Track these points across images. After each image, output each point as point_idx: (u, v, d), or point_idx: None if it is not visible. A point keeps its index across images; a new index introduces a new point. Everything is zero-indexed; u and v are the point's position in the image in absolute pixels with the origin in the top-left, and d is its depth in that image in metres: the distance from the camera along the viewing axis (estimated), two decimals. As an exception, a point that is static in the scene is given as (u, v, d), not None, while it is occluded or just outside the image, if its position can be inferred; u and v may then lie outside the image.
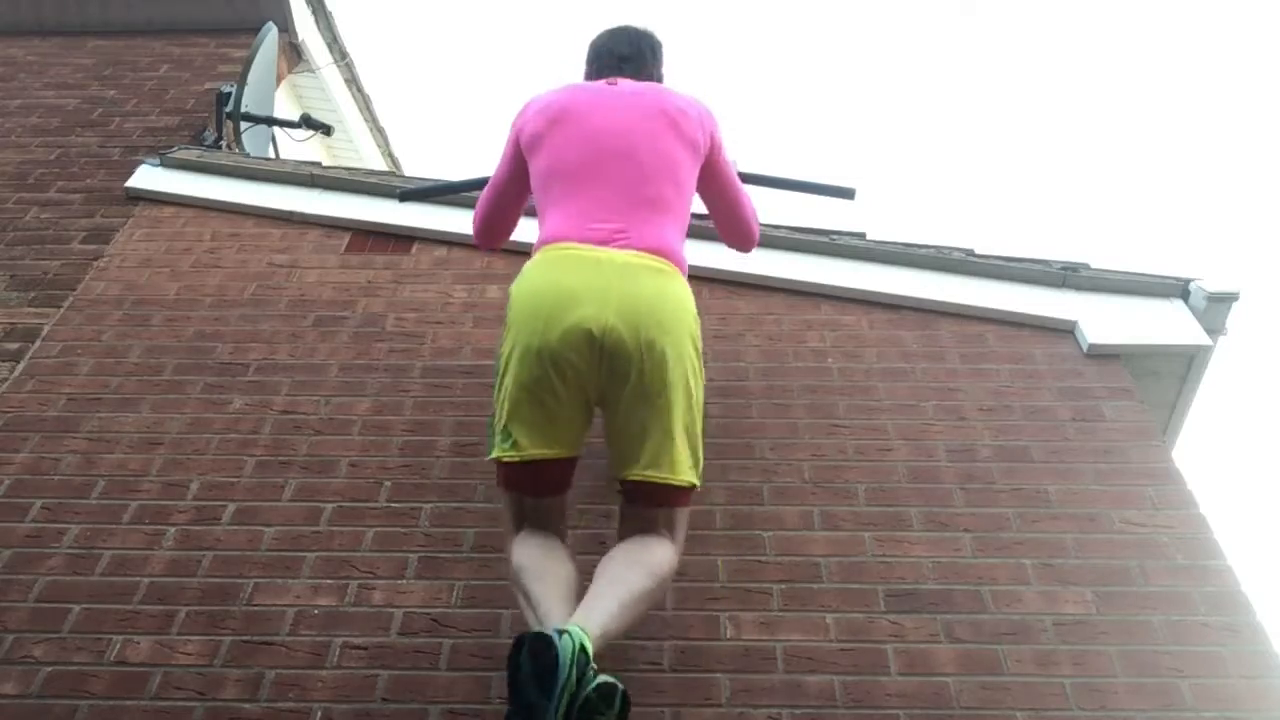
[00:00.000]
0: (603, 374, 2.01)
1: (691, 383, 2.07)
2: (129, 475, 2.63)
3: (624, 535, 2.07)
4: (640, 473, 2.03)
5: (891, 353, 2.96)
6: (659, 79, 2.52)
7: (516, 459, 2.03)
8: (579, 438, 2.11)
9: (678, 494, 2.06)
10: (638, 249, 2.09)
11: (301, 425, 2.76)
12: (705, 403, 2.74)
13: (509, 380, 2.04)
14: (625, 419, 2.04)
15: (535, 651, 1.67)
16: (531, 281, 2.09)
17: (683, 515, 2.11)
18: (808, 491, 2.54)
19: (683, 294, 2.12)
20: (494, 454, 2.07)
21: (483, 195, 2.54)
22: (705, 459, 2.18)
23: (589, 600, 1.87)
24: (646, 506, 2.06)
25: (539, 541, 2.04)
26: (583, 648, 1.68)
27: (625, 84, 2.36)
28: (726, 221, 2.53)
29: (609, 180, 2.17)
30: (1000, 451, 2.65)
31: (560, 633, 1.68)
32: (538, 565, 1.98)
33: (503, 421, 2.05)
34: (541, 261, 2.11)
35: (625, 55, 2.46)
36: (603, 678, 1.68)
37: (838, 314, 3.11)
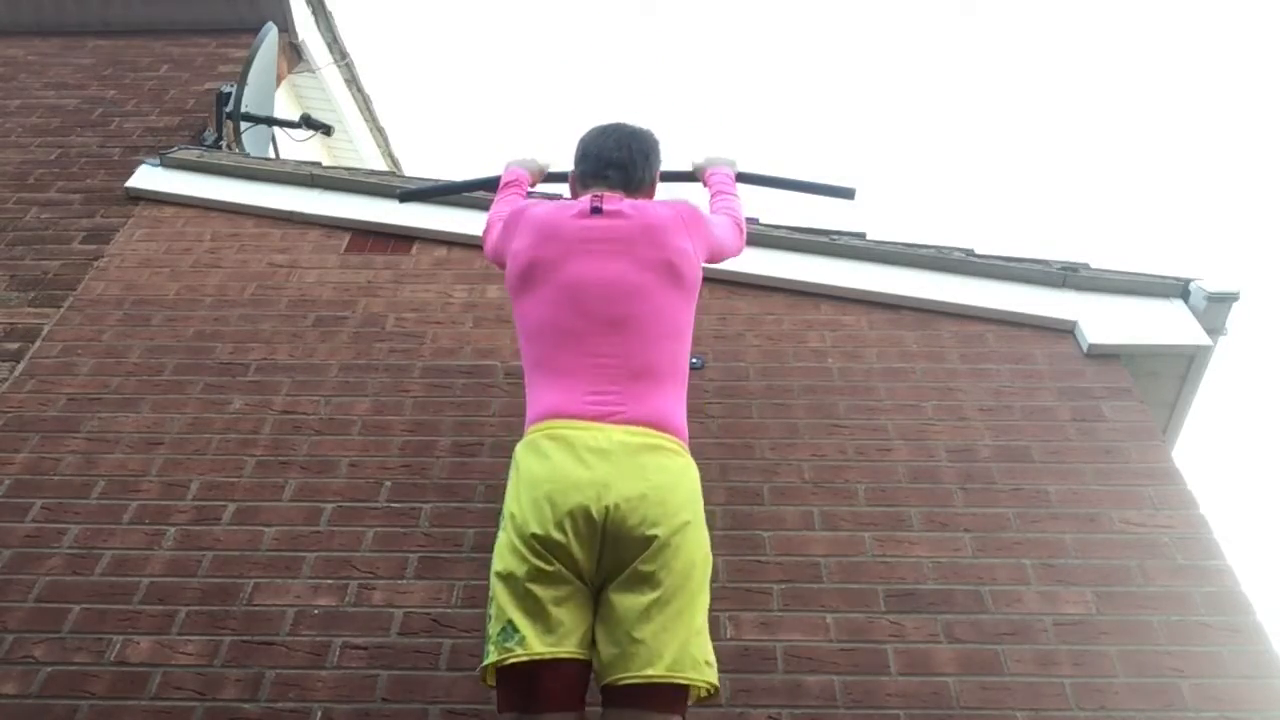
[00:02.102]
0: (605, 562, 1.80)
1: (705, 574, 1.86)
2: (129, 475, 2.63)
3: None
4: (656, 675, 1.72)
5: (891, 353, 2.96)
6: (651, 182, 2.31)
7: (525, 658, 1.73)
8: (587, 637, 1.80)
9: (683, 700, 1.78)
10: (639, 424, 1.90)
11: (301, 425, 2.76)
12: (705, 404, 2.76)
13: (509, 572, 1.80)
14: (633, 616, 1.76)
15: None
16: (528, 468, 1.88)
17: None
18: (808, 491, 2.54)
19: (689, 474, 1.92)
20: (492, 658, 1.75)
21: (489, 230, 2.38)
22: (706, 459, 2.17)
23: None
24: (646, 711, 1.74)
25: None
26: None
27: (614, 207, 2.10)
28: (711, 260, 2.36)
29: (605, 349, 1.96)
30: (1000, 451, 2.65)
31: None
32: None
33: (505, 619, 1.77)
34: (534, 445, 1.91)
35: (614, 161, 2.22)
36: None
37: (838, 314, 3.11)
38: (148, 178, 3.79)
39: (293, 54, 5.08)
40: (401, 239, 3.46)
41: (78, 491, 2.59)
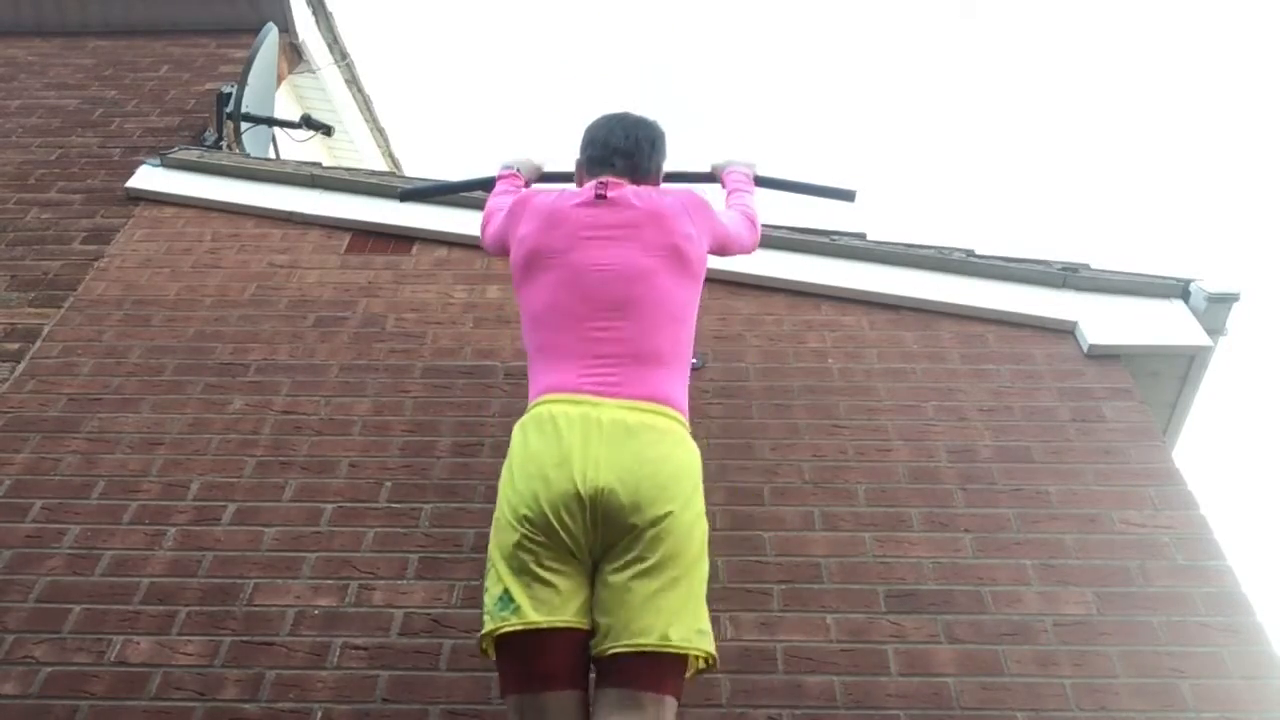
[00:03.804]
0: (598, 536, 1.79)
1: (702, 547, 1.86)
2: (129, 475, 2.63)
3: None
4: (647, 643, 1.71)
5: (892, 353, 2.96)
6: (657, 171, 2.31)
7: (520, 627, 1.73)
8: (585, 608, 1.79)
9: (678, 676, 1.76)
10: (638, 399, 1.90)
11: (302, 425, 2.76)
12: (706, 403, 2.76)
13: (504, 544, 1.82)
14: (627, 587, 1.76)
15: None
16: (523, 446, 1.89)
17: (672, 713, 1.74)
18: (808, 492, 2.54)
19: (685, 449, 1.92)
20: (489, 627, 1.77)
21: (489, 220, 2.38)
22: (705, 459, 2.16)
23: None
24: (638, 689, 1.71)
25: None
26: None
27: (619, 194, 2.11)
28: (722, 254, 2.38)
29: (606, 333, 1.96)
30: (1000, 452, 2.65)
31: None
32: None
33: (501, 589, 1.79)
34: (533, 421, 1.92)
35: (621, 149, 2.23)
36: None
37: (838, 314, 3.11)
38: (148, 178, 3.79)
39: (293, 54, 5.08)
40: (401, 239, 3.46)
41: (78, 492, 2.59)
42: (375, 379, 2.91)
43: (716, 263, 3.15)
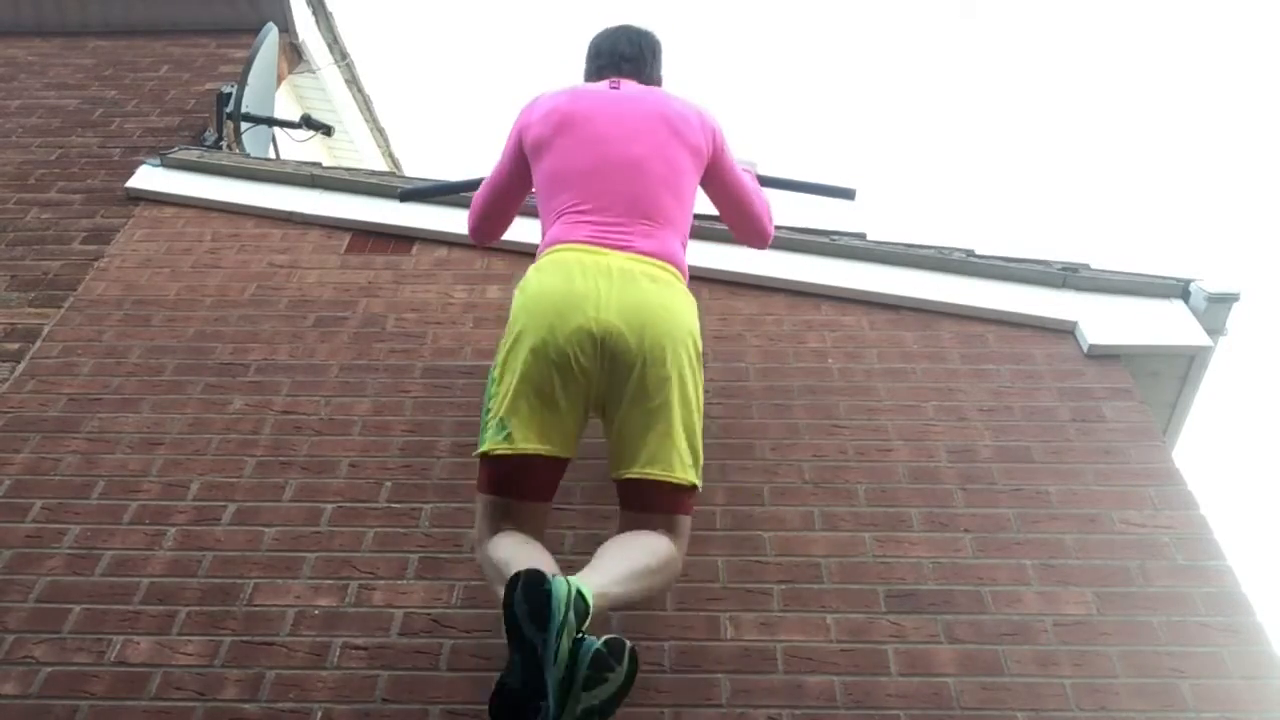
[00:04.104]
0: (604, 375, 2.02)
1: (690, 384, 2.07)
2: (129, 475, 2.63)
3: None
4: (638, 470, 2.00)
5: (892, 353, 2.96)
6: (659, 80, 2.52)
7: (509, 452, 1.99)
8: (573, 439, 2.08)
9: (677, 496, 2.03)
10: (640, 254, 2.12)
11: (302, 425, 2.76)
12: (705, 404, 2.75)
13: (511, 375, 2.03)
14: (625, 419, 2.03)
15: (529, 585, 1.62)
16: (537, 283, 2.10)
17: (684, 523, 2.05)
18: (808, 492, 2.54)
19: (683, 298, 2.14)
20: (485, 447, 2.03)
21: (481, 191, 2.54)
22: (705, 459, 2.18)
23: (587, 569, 1.84)
24: (645, 510, 2.01)
25: (518, 537, 1.98)
26: (580, 594, 1.64)
27: (628, 86, 2.37)
28: (736, 220, 2.52)
29: (613, 189, 2.18)
30: (1000, 452, 2.65)
31: (554, 577, 1.66)
32: (516, 547, 1.93)
33: (499, 414, 2.02)
34: (547, 264, 2.13)
35: (627, 55, 2.46)
36: (612, 635, 1.66)
37: (838, 314, 3.11)
38: (148, 178, 3.79)
39: (293, 54, 5.08)
40: (402, 239, 3.46)
41: (78, 491, 2.59)
42: (375, 379, 2.91)
43: (716, 262, 3.17)
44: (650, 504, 2.02)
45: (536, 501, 2.06)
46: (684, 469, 2.02)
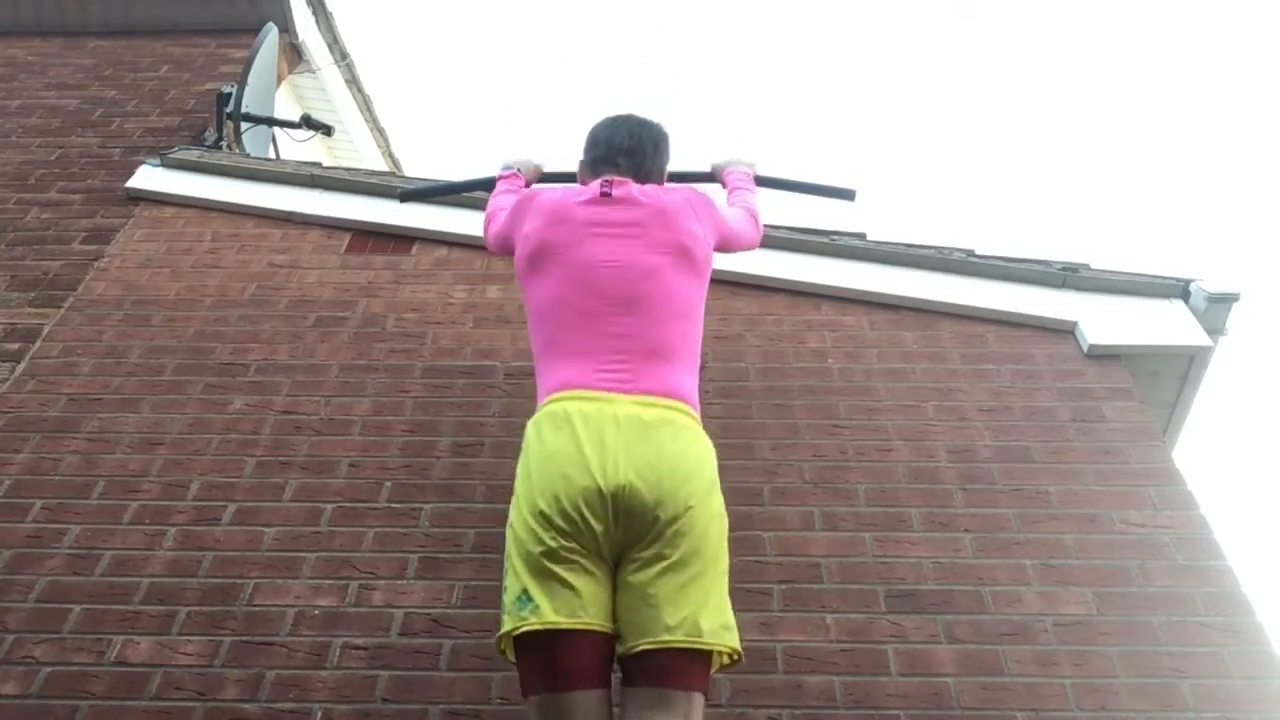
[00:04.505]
0: (620, 533, 1.78)
1: (722, 540, 1.86)
2: (129, 475, 2.63)
3: None
4: (659, 640, 1.71)
5: (892, 353, 2.96)
6: (660, 172, 2.30)
7: (539, 627, 1.70)
8: (607, 609, 1.77)
9: (704, 672, 1.76)
10: (650, 394, 1.90)
11: (302, 425, 2.76)
12: (706, 404, 2.75)
13: (523, 543, 1.79)
14: (642, 581, 1.76)
15: None
16: (539, 447, 1.87)
17: (700, 706, 1.74)
18: (808, 492, 2.54)
19: (701, 443, 1.93)
20: (508, 626, 1.74)
21: (492, 219, 2.38)
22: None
23: None
24: (661, 685, 1.70)
25: None
26: None
27: (624, 192, 2.12)
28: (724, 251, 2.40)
29: (616, 329, 1.97)
30: (1000, 452, 2.65)
31: None
32: None
33: (519, 588, 1.76)
34: (545, 420, 1.91)
35: (624, 149, 2.25)
36: None
37: (838, 314, 3.11)
38: (148, 178, 3.79)
39: (293, 54, 5.08)
40: (401, 239, 3.46)
41: (78, 492, 2.59)
42: (375, 379, 2.91)
43: (717, 262, 3.13)
44: (669, 678, 1.71)
45: (591, 689, 1.71)
46: (719, 634, 1.75)
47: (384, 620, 2.27)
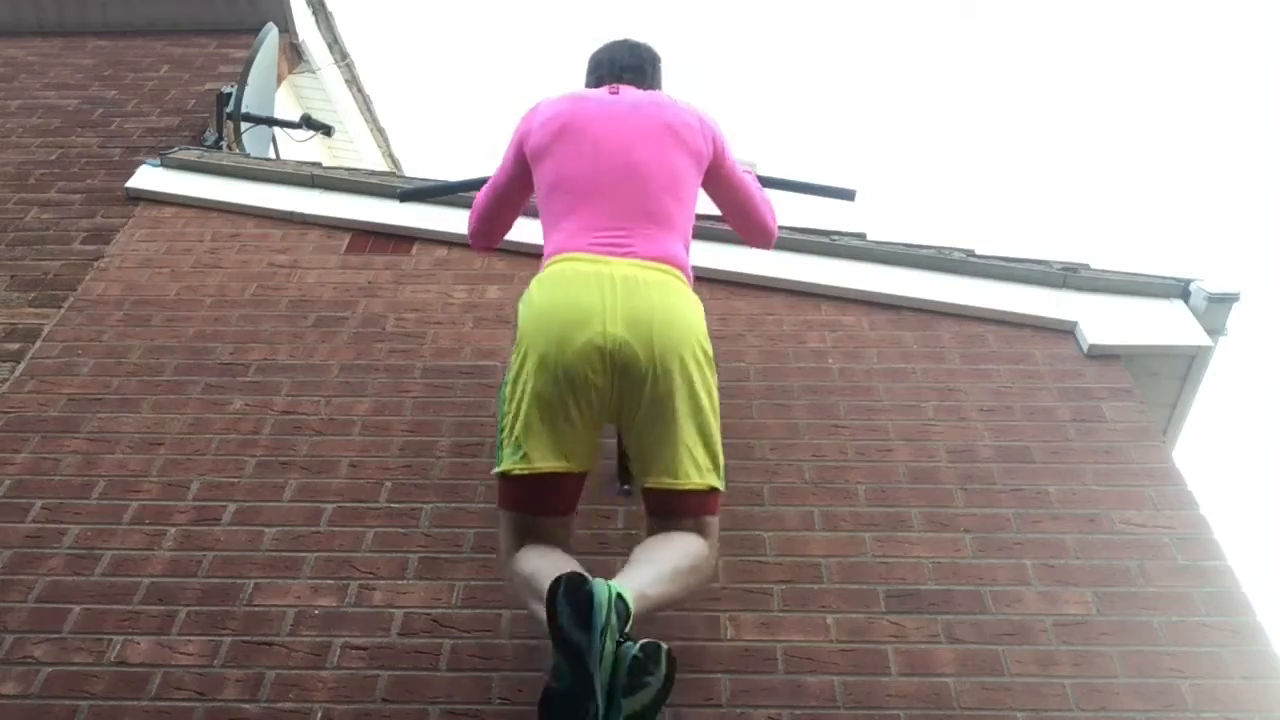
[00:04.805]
0: (616, 387, 2.00)
1: (701, 388, 2.05)
2: (129, 475, 2.63)
3: None
4: (655, 481, 2.01)
5: (892, 353, 2.96)
6: (659, 89, 2.52)
7: (526, 471, 1.99)
8: (590, 453, 2.08)
9: (699, 500, 2.02)
10: (643, 258, 2.09)
11: (302, 426, 2.76)
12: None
13: (523, 394, 2.01)
14: (640, 430, 2.03)
15: (571, 589, 1.64)
16: (541, 298, 2.07)
17: (712, 524, 2.05)
18: (808, 492, 2.54)
19: (689, 301, 2.12)
20: (502, 467, 2.03)
21: (480, 196, 2.53)
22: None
23: (623, 573, 1.86)
24: (669, 517, 2.02)
25: (544, 548, 1.99)
26: (620, 596, 1.67)
27: (627, 92, 2.36)
28: (740, 221, 2.53)
29: (613, 195, 2.17)
30: (1000, 452, 2.65)
31: (593, 578, 1.68)
32: (545, 557, 1.94)
33: (514, 434, 2.01)
34: (548, 277, 2.10)
35: (627, 64, 2.46)
36: (647, 640, 1.68)
37: (838, 314, 3.11)
38: (148, 178, 3.79)
39: (293, 54, 5.08)
40: (402, 239, 3.46)
41: (78, 492, 2.59)
42: (375, 379, 2.91)
43: (717, 262, 3.17)
44: (673, 510, 2.01)
45: (560, 515, 2.06)
46: (701, 474, 2.01)
47: (384, 620, 2.27)
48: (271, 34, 4.45)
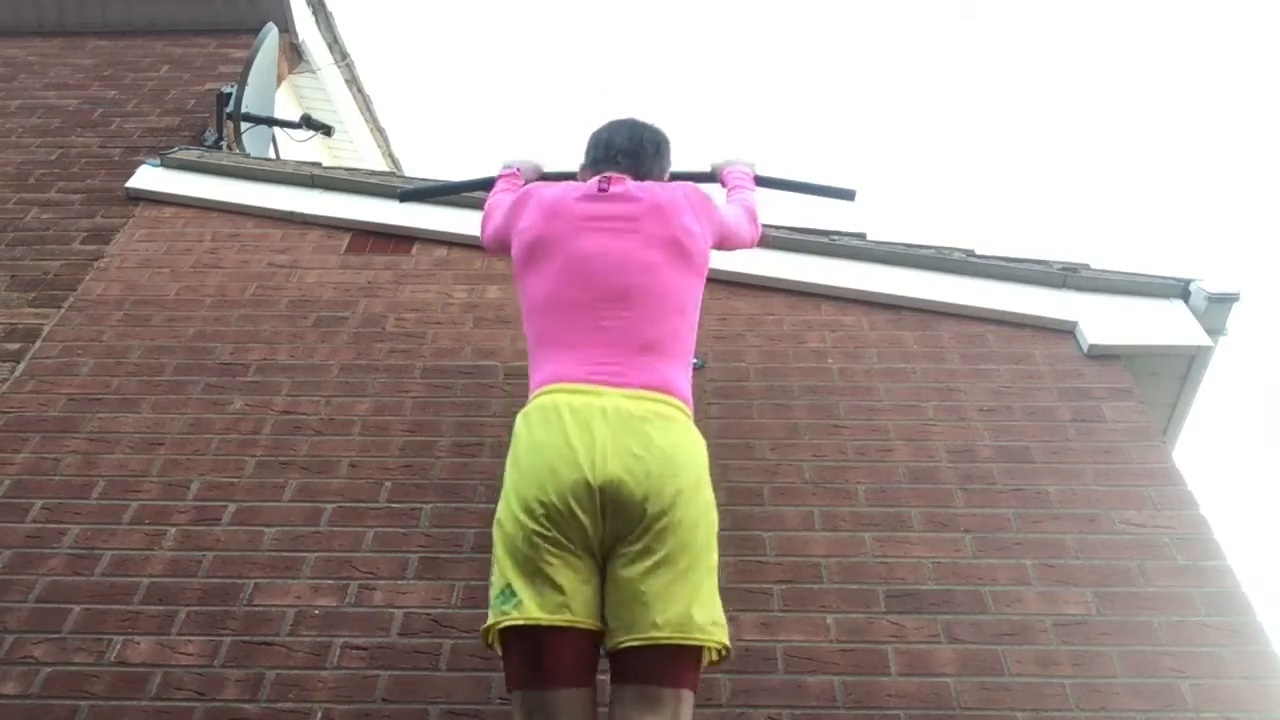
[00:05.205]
0: (606, 524, 1.76)
1: (711, 536, 1.83)
2: (129, 475, 2.63)
3: None
4: (645, 636, 1.69)
5: (892, 353, 2.96)
6: (661, 175, 2.29)
7: (520, 622, 1.70)
8: (594, 605, 1.76)
9: (691, 667, 1.75)
10: (641, 388, 1.88)
11: (302, 426, 2.76)
12: (706, 404, 2.76)
13: (509, 537, 1.78)
14: (630, 576, 1.74)
15: None
16: (528, 439, 1.85)
17: (690, 704, 1.74)
18: (808, 492, 2.54)
19: (690, 436, 1.90)
20: (492, 620, 1.74)
21: (489, 216, 2.37)
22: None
23: None
24: (649, 683, 1.70)
25: None
26: None
27: (621, 189, 2.11)
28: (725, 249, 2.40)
29: (608, 324, 1.95)
30: (1000, 452, 2.65)
31: None
32: None
33: (504, 582, 1.75)
34: (535, 412, 1.89)
35: (623, 149, 2.24)
36: None
37: (838, 314, 3.11)
38: (148, 178, 3.79)
39: (293, 54, 5.08)
40: (402, 239, 3.46)
41: (78, 492, 2.59)
42: (375, 379, 2.91)
43: (717, 262, 3.14)
44: (657, 676, 1.70)
45: (574, 687, 1.70)
46: (708, 629, 1.74)
47: (384, 620, 2.27)
48: (271, 34, 4.45)
